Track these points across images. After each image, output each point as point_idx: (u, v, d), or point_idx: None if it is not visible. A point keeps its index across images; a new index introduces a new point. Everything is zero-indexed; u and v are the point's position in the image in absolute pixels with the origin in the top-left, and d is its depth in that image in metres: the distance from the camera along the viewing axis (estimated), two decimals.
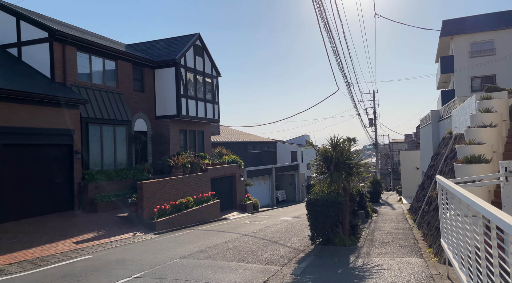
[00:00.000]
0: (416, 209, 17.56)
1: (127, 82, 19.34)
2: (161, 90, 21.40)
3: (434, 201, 12.49)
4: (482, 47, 33.01)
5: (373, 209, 20.80)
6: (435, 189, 13.91)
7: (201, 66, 23.43)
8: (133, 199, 15.10)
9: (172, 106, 21.16)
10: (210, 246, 11.14)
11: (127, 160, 18.51)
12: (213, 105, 24.64)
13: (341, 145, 11.30)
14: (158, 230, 14.80)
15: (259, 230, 15.04)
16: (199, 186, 19.62)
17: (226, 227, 16.39)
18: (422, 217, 14.18)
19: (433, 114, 22.28)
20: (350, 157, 11.46)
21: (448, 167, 12.83)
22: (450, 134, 15.94)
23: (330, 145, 11.28)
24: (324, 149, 11.42)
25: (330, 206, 10.40)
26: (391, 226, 14.88)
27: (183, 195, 17.95)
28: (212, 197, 20.47)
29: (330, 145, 11.29)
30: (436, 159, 17.77)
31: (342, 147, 11.30)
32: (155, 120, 21.41)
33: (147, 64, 20.88)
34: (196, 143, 23.76)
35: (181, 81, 21.30)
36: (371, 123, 45.65)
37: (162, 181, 16.47)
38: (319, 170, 11.69)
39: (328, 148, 11.36)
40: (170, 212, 16.17)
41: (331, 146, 11.27)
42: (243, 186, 25.67)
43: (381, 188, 34.98)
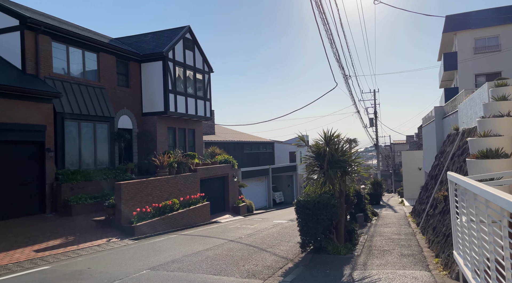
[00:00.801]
0: (420, 211, 16.27)
1: (110, 76, 18.11)
2: (148, 85, 20.17)
3: (440, 203, 11.19)
4: (487, 43, 31.74)
5: (373, 211, 19.50)
6: (440, 190, 12.63)
7: (191, 61, 22.19)
8: (111, 201, 13.84)
9: (160, 103, 19.92)
10: (188, 254, 9.87)
11: (109, 159, 17.26)
12: (205, 102, 23.39)
13: (335, 140, 10.03)
14: (137, 235, 13.52)
15: (248, 235, 13.76)
16: (187, 187, 18.35)
17: (213, 232, 15.11)
18: (426, 220, 12.88)
19: (436, 111, 21.01)
20: (345, 153, 10.18)
21: (455, 165, 11.54)
22: (456, 131, 14.66)
23: (323, 140, 10.01)
24: (316, 144, 10.15)
25: (323, 209, 9.12)
26: (392, 231, 13.58)
27: (168, 196, 16.68)
28: (201, 199, 19.19)
29: (323, 139, 10.02)
30: (441, 158, 16.48)
31: (336, 142, 10.02)
32: (142, 118, 20.17)
33: (133, 57, 19.66)
34: (186, 141, 22.51)
35: (169, 76, 20.07)
36: (372, 123, 44.36)
37: (144, 182, 15.21)
38: (311, 169, 10.42)
39: (320, 144, 10.08)
40: (152, 215, 14.90)
41: (324, 141, 10.00)
42: (236, 187, 24.39)
43: (382, 190, 33.64)
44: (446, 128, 18.84)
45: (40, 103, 13.70)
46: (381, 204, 31.35)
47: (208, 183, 21.60)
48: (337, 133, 10.01)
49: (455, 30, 32.50)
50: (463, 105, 13.47)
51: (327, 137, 9.94)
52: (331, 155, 9.98)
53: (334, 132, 9.95)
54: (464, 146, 11.40)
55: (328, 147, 9.93)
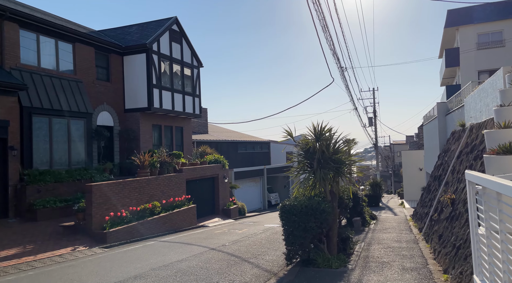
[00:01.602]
0: (422, 215, 14.95)
1: (87, 69, 16.79)
2: (131, 79, 18.85)
3: (447, 208, 9.87)
4: (490, 38, 30.49)
5: (371, 214, 18.18)
6: (446, 193, 11.33)
7: (178, 54, 20.88)
8: (81, 204, 12.52)
9: (143, 98, 18.61)
10: (157, 267, 8.56)
11: (86, 159, 15.93)
12: (194, 99, 22.08)
13: (327, 135, 8.71)
14: (110, 242, 12.20)
15: (233, 242, 12.45)
16: (170, 189, 17.03)
17: (196, 238, 13.79)
18: (430, 226, 11.57)
19: (439, 108, 19.69)
20: (338, 150, 8.86)
21: (463, 164, 10.23)
22: (462, 127, 13.35)
23: (313, 135, 8.69)
24: (304, 140, 8.83)
25: (311, 214, 7.80)
26: (392, 238, 12.26)
27: (149, 199, 15.36)
28: (187, 201, 17.87)
29: (312, 135, 8.70)
30: (445, 157, 15.17)
31: (328, 137, 8.70)
32: (124, 114, 18.85)
33: (114, 49, 18.34)
34: (173, 140, 21.18)
35: (154, 69, 18.75)
36: (371, 122, 43.08)
37: (121, 183, 13.89)
38: (299, 168, 9.10)
39: (309, 139, 8.77)
40: (129, 219, 13.57)
41: (313, 136, 8.68)
42: (227, 188, 23.07)
43: (381, 191, 32.31)
44: (450, 125, 17.54)
45: (3, 96, 12.38)
46: (380, 206, 30.03)
47: (196, 184, 20.28)
48: (328, 128, 8.70)
49: (457, 25, 31.28)
50: (470, 98, 12.16)
51: (317, 132, 8.62)
52: (322, 153, 8.66)
53: (325, 126, 8.63)
54: (473, 143, 10.10)
55: (318, 143, 8.62)
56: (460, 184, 9.64)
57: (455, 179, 10.69)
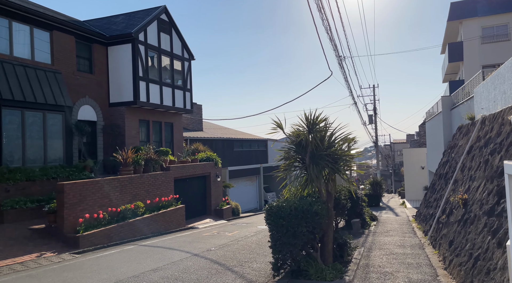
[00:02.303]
0: (427, 216, 13.81)
1: (67, 59, 15.63)
2: (116, 71, 17.70)
3: (458, 210, 8.72)
4: (495, 31, 29.34)
5: (371, 215, 17.04)
6: (455, 192, 10.16)
7: (167, 46, 19.72)
8: (52, 205, 11.37)
9: (128, 91, 17.45)
10: (124, 279, 7.43)
11: (65, 156, 14.78)
12: (184, 93, 20.92)
13: (320, 126, 7.56)
14: (84, 247, 11.06)
15: (220, 246, 11.32)
16: (156, 188, 15.88)
17: (181, 241, 12.67)
18: (437, 229, 10.42)
19: (444, 102, 18.55)
20: (334, 144, 7.72)
21: (476, 159, 9.08)
22: (471, 120, 12.22)
23: (305, 126, 7.54)
24: (295, 132, 7.68)
25: (301, 218, 6.66)
26: (394, 242, 11.11)
27: (132, 199, 14.22)
28: (175, 201, 16.73)
29: (304, 125, 7.55)
30: (452, 153, 14.03)
31: (322, 128, 7.56)
32: (109, 108, 17.69)
33: (98, 39, 17.18)
34: (162, 136, 20.03)
35: (140, 60, 17.59)
36: (371, 120, 41.94)
37: (98, 182, 12.74)
38: (289, 164, 7.95)
39: (301, 131, 7.62)
40: (107, 221, 12.44)
41: (306, 126, 7.53)
42: (220, 187, 21.93)
43: (381, 190, 31.16)
44: (456, 120, 16.40)
45: None
46: (380, 206, 28.90)
47: (186, 183, 19.14)
48: (323, 117, 7.54)
49: (461, 18, 30.13)
50: (482, 88, 11.01)
51: (309, 122, 7.47)
52: (315, 146, 7.52)
53: (318, 115, 7.48)
54: (487, 135, 8.95)
55: (311, 135, 7.46)
56: (473, 182, 8.49)
57: (466, 176, 9.55)
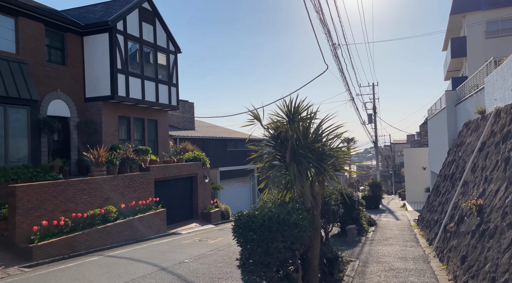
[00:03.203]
0: (430, 222, 12.39)
1: (35, 49, 14.23)
2: (92, 63, 16.29)
3: (471, 217, 7.29)
4: (500, 26, 27.96)
5: (369, 220, 15.62)
6: (466, 195, 8.72)
7: (151, 37, 18.32)
8: (3, 210, 9.96)
9: (105, 85, 16.04)
10: None
11: (30, 155, 13.37)
12: (169, 88, 19.51)
13: (303, 115, 6.15)
14: (39, 259, 9.65)
15: (197, 257, 9.92)
16: (133, 190, 14.47)
17: (155, 251, 11.26)
18: (444, 239, 9.00)
19: (448, 97, 17.15)
20: (320, 138, 6.30)
21: (492, 158, 7.66)
22: (482, 114, 10.80)
23: (284, 115, 6.12)
24: (274, 123, 6.26)
25: (277, 230, 5.25)
26: (395, 252, 9.68)
27: (103, 203, 12.81)
28: (155, 205, 15.33)
29: (283, 115, 6.13)
30: (458, 152, 12.62)
31: (305, 117, 6.14)
32: (84, 104, 16.28)
33: (72, 28, 15.78)
34: (145, 135, 18.61)
35: (119, 51, 16.19)
36: (371, 119, 40.53)
37: (61, 184, 11.34)
38: (268, 162, 6.54)
39: (281, 122, 6.20)
40: (71, 229, 11.04)
41: (285, 116, 6.11)
42: (208, 189, 20.51)
43: (381, 192, 29.71)
44: (462, 116, 15.00)
45: None
46: (380, 209, 27.48)
47: (169, 185, 17.73)
48: (307, 105, 6.12)
49: (464, 11, 28.75)
50: (495, 76, 9.60)
51: (290, 110, 6.05)
52: (297, 141, 6.11)
53: (301, 102, 6.05)
54: (504, 129, 7.54)
55: (291, 126, 6.04)
56: (489, 184, 7.08)
57: (479, 178, 8.13)
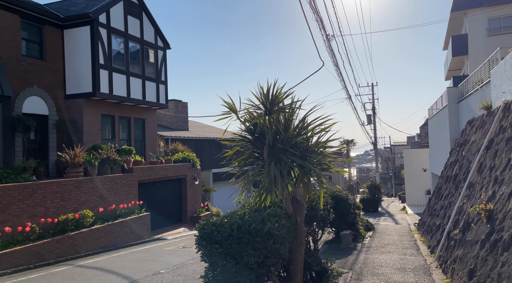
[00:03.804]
0: (431, 227, 11.46)
1: (9, 42, 13.33)
2: (73, 58, 15.39)
3: (480, 224, 6.36)
4: (503, 23, 27.13)
5: (367, 225, 14.69)
6: (472, 199, 7.77)
7: (137, 31, 17.43)
8: None
9: (87, 81, 15.14)
10: None
11: (2, 155, 12.43)
12: (158, 85, 18.60)
13: (285, 104, 5.23)
14: None
15: (175, 267, 9.00)
16: (114, 193, 13.54)
17: (131, 259, 10.33)
18: (448, 248, 8.06)
19: (449, 94, 16.25)
20: (305, 131, 5.38)
21: (503, 156, 6.73)
22: (487, 110, 9.89)
23: (261, 104, 5.19)
24: (249, 114, 5.34)
25: (247, 242, 4.32)
26: (393, 262, 8.74)
27: (78, 207, 11.87)
28: (138, 209, 14.40)
29: (260, 103, 5.20)
30: (462, 151, 11.69)
31: (286, 106, 5.22)
32: (65, 101, 15.37)
33: (51, 21, 14.88)
34: (131, 134, 17.68)
35: (101, 45, 15.30)
36: (370, 120, 39.63)
37: (29, 186, 10.43)
38: (243, 160, 5.62)
39: (258, 112, 5.27)
40: (39, 235, 10.12)
41: (262, 106, 5.19)
42: (198, 192, 19.58)
43: (380, 194, 28.76)
44: (465, 114, 14.09)
45: None
46: (379, 212, 26.54)
47: (156, 187, 16.80)
48: (288, 91, 5.20)
49: (465, 8, 27.91)
50: (503, 66, 8.68)
51: (267, 99, 5.12)
52: (276, 134, 5.19)
53: (279, 89, 5.13)
54: None
55: (269, 117, 5.12)
56: (500, 186, 6.15)
57: (487, 179, 7.20)
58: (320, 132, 5.49)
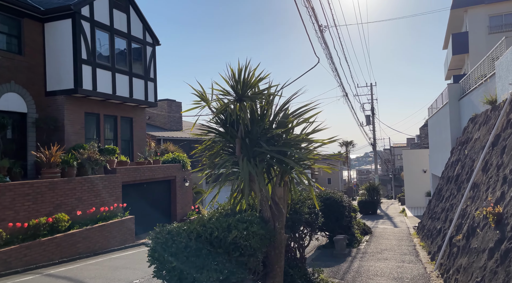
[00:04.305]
0: (432, 231, 10.68)
1: None
2: (55, 53, 14.63)
3: (487, 229, 5.58)
4: (504, 20, 26.43)
5: (364, 228, 13.90)
6: (477, 201, 6.98)
7: (124, 26, 16.67)
8: None
9: (69, 77, 14.36)
10: None
11: None
12: (146, 83, 17.82)
13: (260, 90, 4.45)
14: None
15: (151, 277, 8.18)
16: (95, 195, 12.75)
17: (107, 267, 9.53)
18: (450, 255, 7.27)
19: (450, 91, 15.50)
20: (285, 122, 4.60)
21: None
22: (492, 104, 9.13)
23: (231, 88, 4.41)
24: (219, 102, 4.57)
25: (207, 255, 3.54)
26: (389, 270, 7.94)
27: (54, 210, 11.08)
28: (122, 211, 13.61)
29: (230, 87, 4.42)
30: (464, 150, 10.92)
31: (260, 91, 4.45)
32: (45, 98, 14.60)
33: (30, 13, 14.13)
34: (118, 134, 16.89)
35: (84, 40, 14.54)
36: (369, 120, 38.90)
37: None
38: (213, 156, 4.86)
39: (227, 98, 4.50)
40: (6, 241, 9.36)
41: (232, 90, 4.41)
42: (189, 194, 18.79)
43: (379, 196, 27.97)
44: (467, 111, 13.34)
45: None
46: (378, 214, 25.74)
47: (142, 189, 16.01)
48: (263, 74, 4.42)
49: (466, 5, 27.22)
50: (510, 55, 7.91)
51: (238, 83, 4.34)
52: (252, 124, 4.42)
53: (251, 72, 4.35)
54: None
55: (241, 104, 4.34)
56: (510, 186, 5.37)
57: (493, 179, 6.42)
58: (304, 123, 4.72)
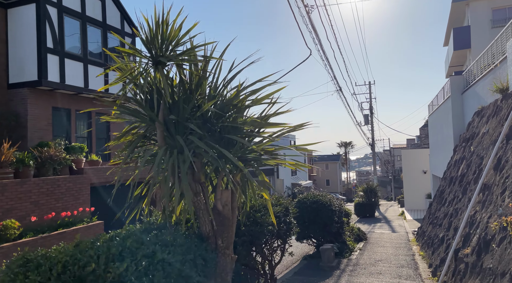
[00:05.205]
0: (433, 239, 9.31)
1: None
2: (18, 42, 13.30)
3: (508, 247, 4.20)
4: (508, 14, 25.20)
5: (358, 234, 12.53)
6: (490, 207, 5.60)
7: (98, 14, 15.33)
8: None
9: (32, 68, 13.03)
10: None
11: None
12: None
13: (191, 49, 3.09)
14: None
15: None
16: (57, 199, 11.38)
17: None
18: (456, 273, 5.91)
19: (453, 83, 14.21)
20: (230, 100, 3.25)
21: None
22: (503, 93, 7.80)
23: (145, 48, 3.06)
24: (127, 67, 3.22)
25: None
26: None
27: (3, 216, 9.70)
28: (89, 216, 12.22)
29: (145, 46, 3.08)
30: (470, 147, 9.57)
31: (187, 51, 3.09)
32: (8, 91, 13.27)
33: None
34: (93, 131, 15.53)
35: (49, 27, 13.22)
36: (367, 120, 37.63)
37: None
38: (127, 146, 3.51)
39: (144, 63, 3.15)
40: None
41: (146, 49, 3.06)
42: None
43: (377, 198, 26.60)
44: (471, 104, 12.02)
45: None
46: (376, 217, 24.41)
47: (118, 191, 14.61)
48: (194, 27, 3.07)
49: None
50: None
51: (155, 37, 2.99)
52: (179, 100, 3.07)
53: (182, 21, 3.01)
54: None
55: (160, 71, 3.00)
56: None
57: (511, 179, 5.07)
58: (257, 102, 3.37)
